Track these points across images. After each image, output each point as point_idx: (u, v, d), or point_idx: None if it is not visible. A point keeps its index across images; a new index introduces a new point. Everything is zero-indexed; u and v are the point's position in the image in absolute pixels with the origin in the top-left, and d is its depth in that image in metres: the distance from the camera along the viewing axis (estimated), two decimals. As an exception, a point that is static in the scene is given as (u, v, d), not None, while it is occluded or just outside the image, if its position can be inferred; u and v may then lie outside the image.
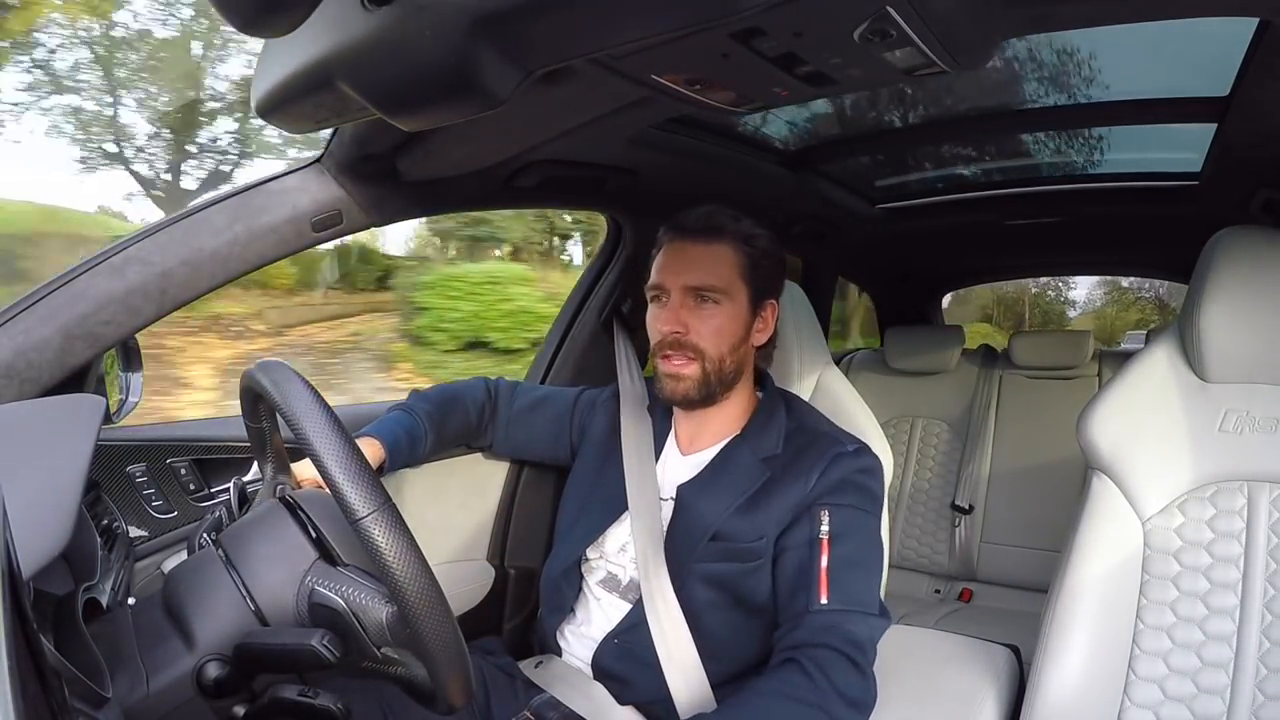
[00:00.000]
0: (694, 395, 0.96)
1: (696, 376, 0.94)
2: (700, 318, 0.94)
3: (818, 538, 0.87)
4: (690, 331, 0.94)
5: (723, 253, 0.95)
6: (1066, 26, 0.71)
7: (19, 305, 0.81)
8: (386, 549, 0.54)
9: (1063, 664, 0.89)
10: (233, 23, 0.51)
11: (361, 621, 0.60)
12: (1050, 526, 1.79)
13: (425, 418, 1.06)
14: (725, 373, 0.96)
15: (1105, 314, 19.09)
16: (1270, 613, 0.85)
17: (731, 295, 0.95)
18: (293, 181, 0.95)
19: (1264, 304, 0.88)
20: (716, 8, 0.49)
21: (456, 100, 0.58)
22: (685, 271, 0.95)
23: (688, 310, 0.94)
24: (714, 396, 0.97)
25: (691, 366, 0.94)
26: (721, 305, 0.94)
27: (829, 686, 0.78)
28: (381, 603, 0.60)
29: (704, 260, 0.95)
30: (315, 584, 0.63)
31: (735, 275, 0.95)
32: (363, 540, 0.54)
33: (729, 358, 0.96)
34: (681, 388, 0.95)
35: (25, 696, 0.30)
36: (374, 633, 0.60)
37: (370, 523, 0.54)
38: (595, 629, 1.00)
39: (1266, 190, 1.22)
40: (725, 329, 0.95)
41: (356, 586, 0.62)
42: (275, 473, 0.79)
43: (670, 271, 0.96)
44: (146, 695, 0.57)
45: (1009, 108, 1.34)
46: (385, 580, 0.55)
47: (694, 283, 0.94)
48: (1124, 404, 0.95)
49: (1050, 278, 15.23)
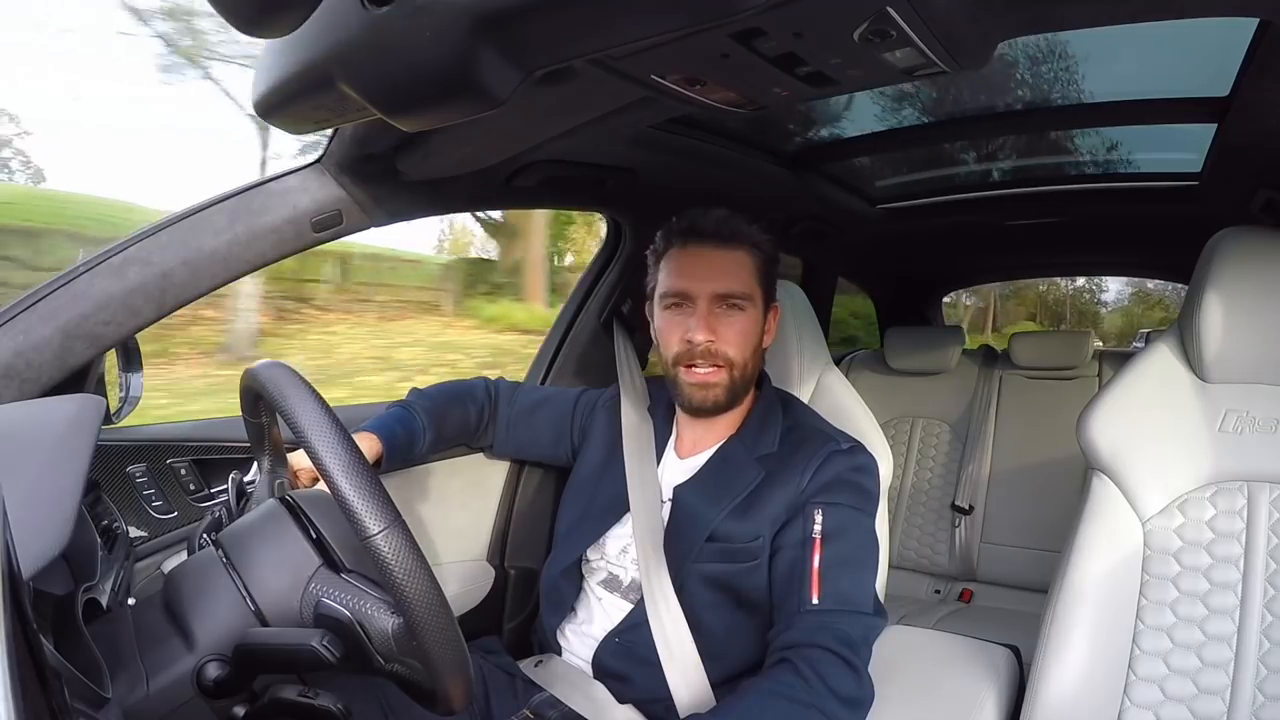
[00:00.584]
0: (724, 402, 0.96)
1: (725, 384, 0.95)
2: (727, 324, 0.94)
3: (810, 537, 0.88)
4: (720, 340, 0.94)
5: (742, 258, 0.96)
6: (1066, 27, 0.71)
7: (19, 305, 0.81)
8: (397, 566, 0.54)
9: (1063, 664, 0.89)
10: (233, 23, 0.51)
11: (367, 631, 0.60)
12: (1050, 526, 1.79)
13: (424, 415, 1.06)
14: (748, 377, 0.98)
15: (1132, 311, 21.48)
16: (1270, 613, 0.85)
17: (753, 300, 0.96)
18: (293, 181, 0.95)
19: (1264, 304, 0.88)
20: (716, 8, 0.49)
21: (456, 100, 0.58)
22: (712, 279, 0.94)
23: (715, 318, 0.94)
24: (737, 400, 0.98)
25: (720, 374, 0.95)
26: (745, 311, 0.95)
27: (823, 686, 0.78)
28: (387, 613, 0.60)
29: (728, 267, 0.95)
30: (321, 594, 0.62)
31: (754, 280, 0.96)
32: (373, 557, 0.54)
33: (751, 362, 0.97)
34: (712, 395, 0.95)
35: (25, 696, 0.30)
36: (379, 642, 0.60)
37: (381, 540, 0.54)
38: (596, 628, 1.00)
39: (1266, 190, 1.22)
40: (749, 334, 0.96)
41: (362, 596, 0.62)
42: (273, 466, 0.79)
43: (694, 278, 0.95)
44: (146, 695, 0.57)
45: (1009, 108, 1.34)
46: (394, 595, 0.55)
47: (723, 290, 0.94)
48: (1124, 404, 0.95)
49: (1084, 281, 15.39)
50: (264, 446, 0.78)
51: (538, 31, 0.53)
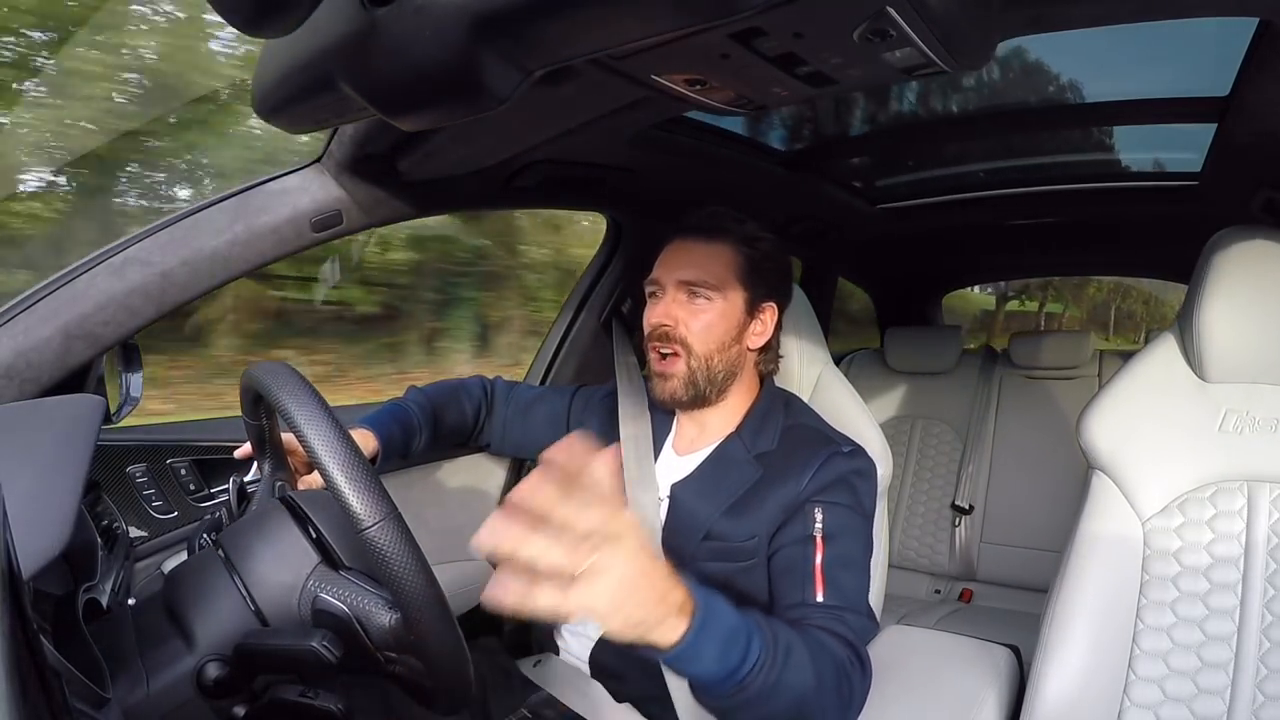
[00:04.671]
0: (681, 395, 0.96)
1: (683, 375, 0.95)
2: (690, 312, 0.95)
3: (811, 535, 0.87)
4: (678, 325, 0.94)
5: (721, 252, 0.96)
6: (1066, 26, 0.71)
7: (19, 305, 0.81)
8: (394, 559, 0.54)
9: (1063, 664, 0.89)
10: (233, 23, 0.51)
11: (365, 627, 0.60)
12: (1050, 526, 1.79)
13: (420, 412, 1.07)
14: (714, 372, 0.96)
15: (1169, 304, 21.74)
16: (1270, 613, 0.85)
17: (725, 294, 0.95)
18: (293, 181, 0.95)
19: (1264, 304, 0.88)
20: (716, 8, 0.49)
21: (456, 100, 0.58)
22: (680, 267, 0.96)
23: (678, 305, 0.95)
24: (704, 397, 0.97)
25: (677, 364, 0.95)
26: (713, 302, 0.95)
27: (839, 646, 0.76)
28: (385, 609, 0.60)
29: (700, 257, 0.96)
30: (318, 590, 0.62)
31: (730, 275, 0.96)
32: (369, 549, 0.54)
33: (717, 356, 0.96)
34: (669, 387, 0.96)
35: (25, 696, 0.30)
36: (378, 638, 0.60)
37: (377, 532, 0.53)
38: (593, 627, 1.00)
39: (1267, 190, 1.22)
40: (714, 326, 0.95)
41: (360, 592, 0.62)
42: (274, 470, 0.79)
43: (666, 267, 0.97)
44: (146, 695, 0.57)
45: (1009, 108, 1.34)
46: (391, 589, 0.55)
47: (686, 277, 0.95)
48: (1124, 404, 0.95)
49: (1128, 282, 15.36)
50: (264, 449, 0.78)
51: (538, 31, 0.53)
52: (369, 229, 1.04)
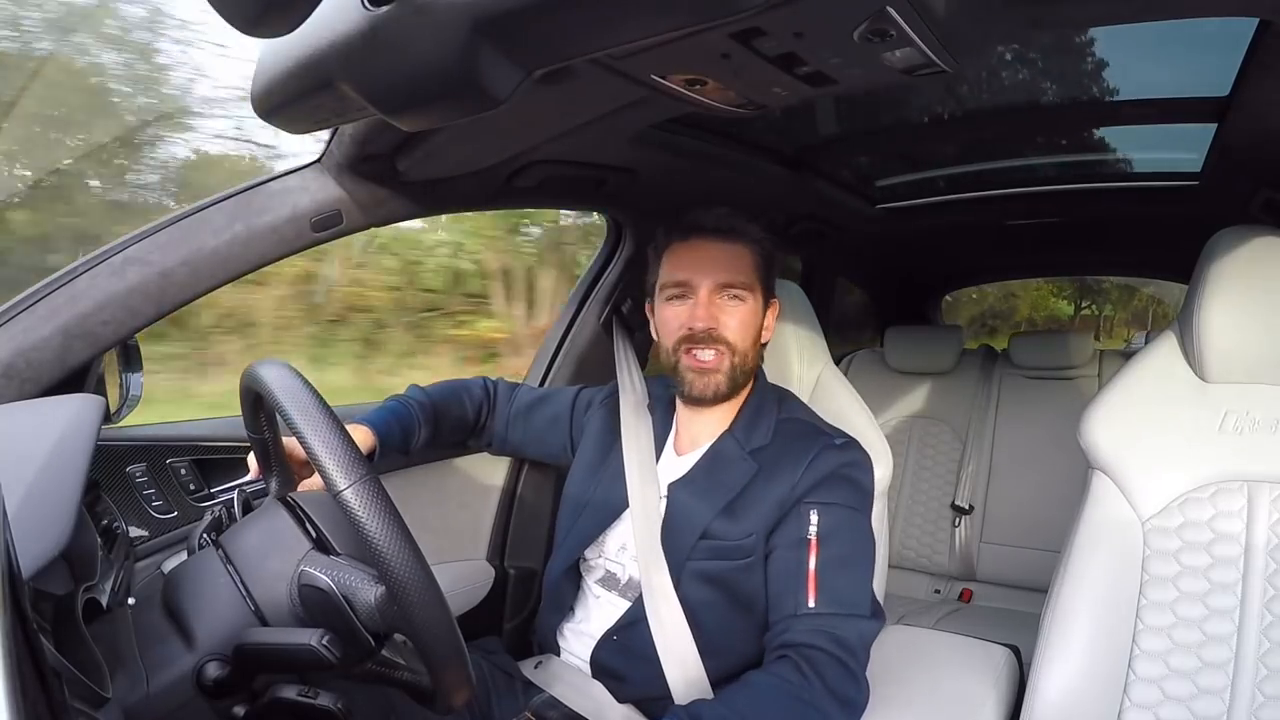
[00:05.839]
0: (724, 389, 0.98)
1: (726, 371, 0.97)
2: (729, 313, 0.97)
3: (806, 538, 0.88)
4: (721, 326, 0.96)
5: (743, 252, 0.98)
6: (1066, 27, 0.71)
7: (19, 305, 0.81)
8: (367, 520, 0.53)
9: (1063, 664, 0.89)
10: (233, 23, 0.51)
11: (351, 603, 0.60)
12: (1050, 526, 1.78)
13: (421, 410, 1.07)
14: (748, 367, 1.00)
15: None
16: (1270, 613, 0.85)
17: (753, 293, 0.98)
18: (293, 181, 0.95)
19: (1264, 304, 0.88)
20: (716, 8, 0.49)
21: (456, 100, 0.58)
22: (714, 269, 0.97)
23: (716, 306, 0.97)
24: (738, 390, 1.00)
25: (722, 360, 0.97)
26: (746, 302, 0.98)
27: (821, 684, 0.79)
28: (370, 584, 0.60)
29: (729, 258, 0.98)
30: (305, 567, 0.63)
31: (754, 274, 0.99)
32: (344, 512, 0.53)
33: (750, 352, 0.99)
34: (713, 383, 0.97)
35: (25, 696, 0.30)
36: (364, 614, 0.60)
37: (351, 494, 0.53)
38: (594, 626, 1.00)
39: (1266, 190, 1.22)
40: (749, 324, 0.98)
41: (346, 570, 0.62)
42: (281, 487, 0.77)
43: (696, 269, 0.98)
44: (146, 695, 0.57)
45: (1009, 108, 1.34)
46: (369, 552, 0.54)
47: (724, 279, 0.97)
48: (1124, 404, 0.95)
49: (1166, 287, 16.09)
50: (270, 464, 0.77)
51: (538, 31, 0.53)
52: (369, 229, 1.04)
